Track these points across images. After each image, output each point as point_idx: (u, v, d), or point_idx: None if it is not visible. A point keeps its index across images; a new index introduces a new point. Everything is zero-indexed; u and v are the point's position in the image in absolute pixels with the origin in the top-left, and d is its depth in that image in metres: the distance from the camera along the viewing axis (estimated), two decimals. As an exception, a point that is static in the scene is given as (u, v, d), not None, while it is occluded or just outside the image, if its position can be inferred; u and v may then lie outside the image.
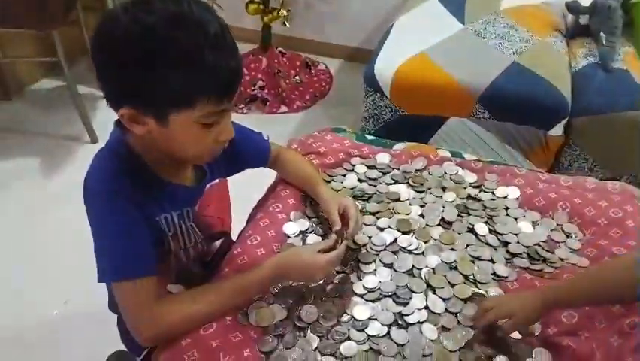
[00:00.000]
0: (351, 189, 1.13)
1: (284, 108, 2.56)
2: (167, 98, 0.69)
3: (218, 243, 1.01)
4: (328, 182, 1.14)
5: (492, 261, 0.97)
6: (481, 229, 1.04)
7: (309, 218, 1.05)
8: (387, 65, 1.78)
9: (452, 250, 0.99)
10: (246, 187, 1.16)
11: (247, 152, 1.00)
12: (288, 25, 2.55)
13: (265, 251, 0.96)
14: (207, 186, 0.93)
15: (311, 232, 1.02)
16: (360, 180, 1.16)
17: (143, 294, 0.76)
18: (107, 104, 0.72)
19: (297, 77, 2.70)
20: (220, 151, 0.81)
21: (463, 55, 1.82)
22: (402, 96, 1.78)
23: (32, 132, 2.31)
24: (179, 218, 0.86)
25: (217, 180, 0.97)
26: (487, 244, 1.01)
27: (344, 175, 1.17)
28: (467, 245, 1.00)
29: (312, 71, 2.80)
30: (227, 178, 1.04)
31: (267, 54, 2.62)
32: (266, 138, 1.07)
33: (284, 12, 2.47)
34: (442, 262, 0.96)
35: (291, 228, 1.02)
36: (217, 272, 0.93)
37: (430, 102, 1.76)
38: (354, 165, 1.19)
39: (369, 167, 1.19)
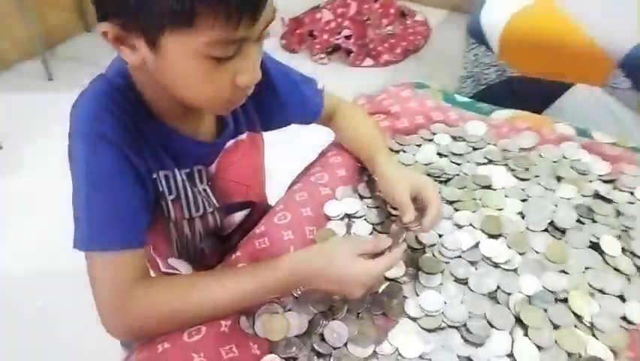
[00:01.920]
0: (426, 165, 0.88)
1: (369, 62, 2.32)
2: (155, 12, 0.49)
3: (239, 215, 0.79)
4: (397, 152, 0.90)
5: (622, 298, 0.66)
6: (611, 245, 0.73)
7: (362, 198, 0.80)
8: (498, 12, 1.50)
9: (562, 271, 0.70)
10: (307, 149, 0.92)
11: (290, 102, 0.79)
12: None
13: (294, 235, 0.73)
14: (231, 141, 0.73)
15: (360, 218, 0.77)
16: (440, 155, 0.90)
17: (121, 271, 0.59)
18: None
19: (389, 28, 2.44)
20: (242, 99, 0.61)
21: (604, 4, 1.45)
22: (513, 52, 1.50)
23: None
24: (187, 178, 0.67)
25: (244, 136, 0.74)
26: (616, 269, 0.70)
27: (419, 145, 0.92)
28: (586, 268, 0.70)
29: (408, 22, 2.53)
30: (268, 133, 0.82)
31: (358, -2, 2.36)
32: (320, 87, 0.84)
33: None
34: (544, 288, 0.67)
35: (335, 208, 0.78)
36: (228, 256, 0.71)
37: (551, 62, 1.46)
38: (434, 134, 0.94)
39: (454, 138, 0.93)
